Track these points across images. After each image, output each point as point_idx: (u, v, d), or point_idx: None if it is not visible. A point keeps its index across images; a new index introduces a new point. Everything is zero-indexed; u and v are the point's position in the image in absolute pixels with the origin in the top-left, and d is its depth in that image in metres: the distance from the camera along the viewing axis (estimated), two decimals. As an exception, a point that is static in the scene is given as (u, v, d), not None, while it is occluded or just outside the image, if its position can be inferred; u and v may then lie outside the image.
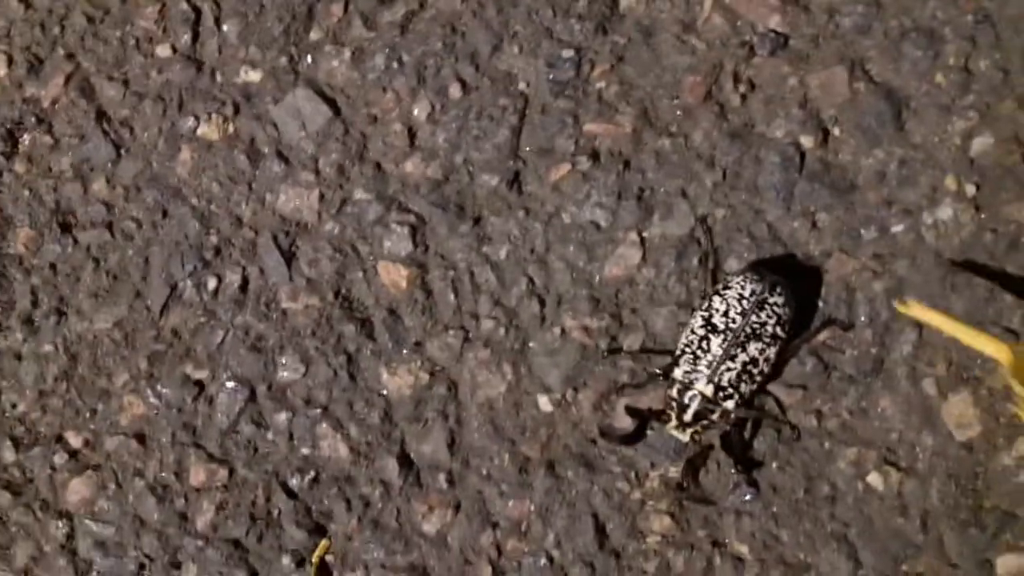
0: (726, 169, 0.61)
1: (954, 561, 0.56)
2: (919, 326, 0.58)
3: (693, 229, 0.61)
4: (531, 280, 0.61)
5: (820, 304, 0.59)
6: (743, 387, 0.56)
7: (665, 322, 0.60)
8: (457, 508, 0.59)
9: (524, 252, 0.62)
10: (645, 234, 0.61)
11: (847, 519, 0.57)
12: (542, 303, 0.61)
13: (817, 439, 0.58)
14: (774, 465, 0.58)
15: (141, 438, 0.62)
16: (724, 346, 0.55)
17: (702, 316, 0.57)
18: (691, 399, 0.56)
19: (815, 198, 0.60)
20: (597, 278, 0.61)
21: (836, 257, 0.60)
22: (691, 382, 0.56)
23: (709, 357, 0.56)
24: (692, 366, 0.56)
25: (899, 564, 0.56)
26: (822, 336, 0.59)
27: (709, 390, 0.55)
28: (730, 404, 0.56)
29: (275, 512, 0.60)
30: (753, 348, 0.55)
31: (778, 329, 0.56)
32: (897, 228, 0.60)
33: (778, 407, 0.58)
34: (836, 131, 0.61)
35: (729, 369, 0.56)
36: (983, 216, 0.59)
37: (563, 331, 0.61)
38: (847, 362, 0.59)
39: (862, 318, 0.59)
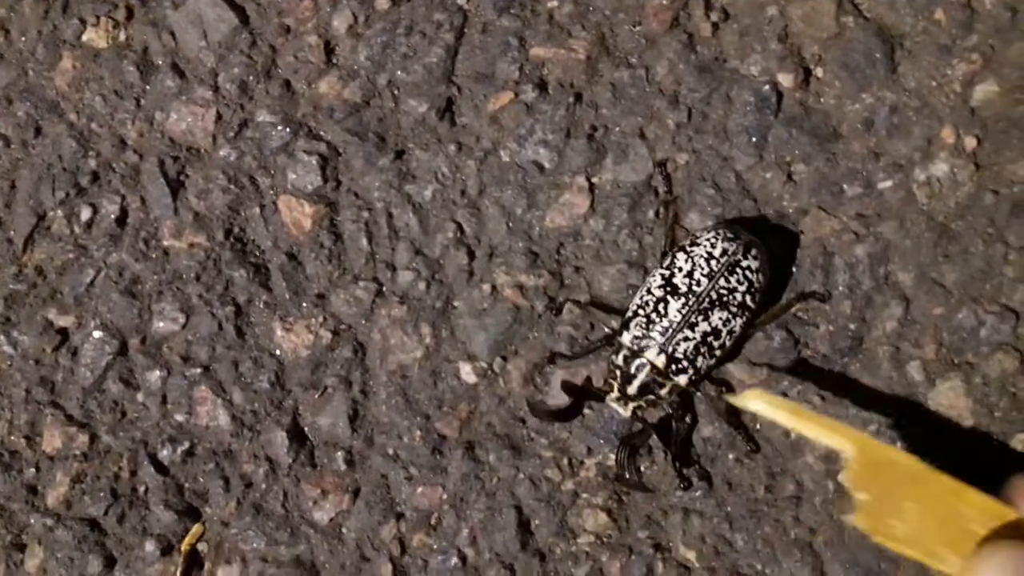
0: (692, 108, 0.58)
1: (937, 581, 0.55)
2: (906, 299, 0.55)
3: (650, 176, 0.58)
4: (459, 227, 0.58)
5: (793, 269, 0.56)
6: (700, 361, 0.52)
7: (612, 283, 0.57)
8: (356, 494, 0.56)
9: (453, 194, 0.58)
10: (595, 179, 0.58)
11: (814, 524, 0.54)
12: (471, 255, 0.58)
13: (782, 429, 0.55)
14: (731, 457, 0.55)
15: (-11, 393, 0.60)
16: (684, 312, 0.52)
17: (662, 275, 0.53)
18: (639, 369, 0.52)
19: (792, 146, 0.57)
20: (537, 228, 0.58)
21: (813, 215, 0.56)
22: (641, 350, 0.52)
23: (665, 323, 0.52)
24: (644, 331, 0.52)
25: (872, 581, 0.54)
26: (795, 309, 0.55)
27: (661, 360, 0.52)
28: (682, 379, 0.52)
29: (141, 489, 0.57)
30: (717, 317, 0.52)
31: (748, 298, 0.53)
32: (885, 184, 0.56)
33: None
34: (819, 71, 0.58)
35: (687, 339, 0.52)
36: (984, 174, 0.56)
37: (494, 289, 0.57)
38: (821, 338, 0.56)
39: (840, 287, 0.56)
